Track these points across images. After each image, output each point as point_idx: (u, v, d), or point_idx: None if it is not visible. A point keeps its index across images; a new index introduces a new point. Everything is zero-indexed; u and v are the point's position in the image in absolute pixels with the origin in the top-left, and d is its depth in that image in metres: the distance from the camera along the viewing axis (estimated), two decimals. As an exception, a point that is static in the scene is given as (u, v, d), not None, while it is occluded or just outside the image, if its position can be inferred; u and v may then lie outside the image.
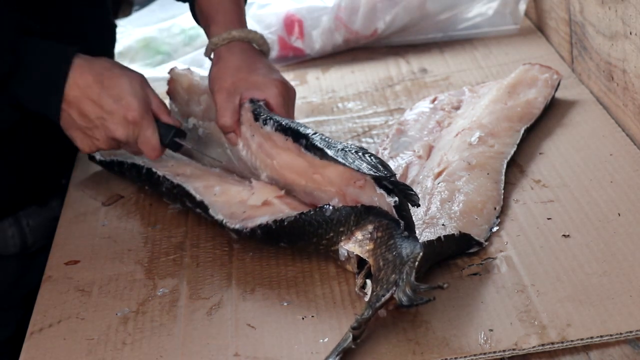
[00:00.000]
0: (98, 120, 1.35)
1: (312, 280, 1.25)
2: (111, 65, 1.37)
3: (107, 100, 1.34)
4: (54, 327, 1.23)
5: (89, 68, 1.34)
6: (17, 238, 1.53)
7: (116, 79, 1.35)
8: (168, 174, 1.43)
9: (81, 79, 1.33)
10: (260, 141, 1.38)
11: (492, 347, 1.08)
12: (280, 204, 1.33)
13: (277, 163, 1.35)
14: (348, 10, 1.92)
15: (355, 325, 1.07)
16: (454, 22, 1.95)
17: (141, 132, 1.36)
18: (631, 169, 1.38)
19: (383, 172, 1.21)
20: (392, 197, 1.20)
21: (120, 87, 1.34)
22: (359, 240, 1.19)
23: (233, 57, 1.45)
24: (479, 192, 1.33)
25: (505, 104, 1.52)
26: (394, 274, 1.11)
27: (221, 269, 1.30)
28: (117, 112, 1.34)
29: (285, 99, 1.41)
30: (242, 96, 1.40)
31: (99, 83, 1.34)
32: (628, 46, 1.42)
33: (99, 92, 1.34)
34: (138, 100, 1.35)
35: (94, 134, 1.36)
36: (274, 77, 1.43)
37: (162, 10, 2.19)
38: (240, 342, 1.15)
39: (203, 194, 1.38)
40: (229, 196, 1.37)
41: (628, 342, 1.07)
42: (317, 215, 1.22)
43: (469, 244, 1.24)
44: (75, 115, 1.35)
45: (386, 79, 1.82)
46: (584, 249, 1.22)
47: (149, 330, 1.20)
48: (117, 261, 1.35)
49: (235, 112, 1.40)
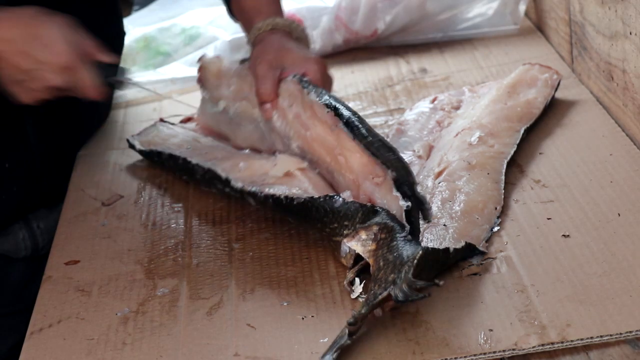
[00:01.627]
0: (33, 72, 1.33)
1: (312, 280, 1.25)
2: (37, 14, 1.35)
3: (38, 50, 1.31)
4: (54, 327, 1.23)
5: (17, 20, 1.32)
6: (28, 241, 1.53)
7: (44, 26, 1.33)
8: (201, 161, 1.46)
9: (7, 33, 1.31)
10: (299, 111, 1.40)
11: (492, 347, 1.08)
12: (301, 175, 1.35)
13: (310, 134, 1.37)
14: (348, 10, 1.92)
15: (352, 321, 1.07)
16: (454, 22, 1.95)
17: (78, 76, 1.34)
18: (631, 169, 1.38)
19: (406, 176, 1.23)
20: (405, 202, 1.21)
21: (49, 34, 1.32)
22: (362, 240, 1.19)
23: (275, 39, 1.47)
24: (480, 192, 1.33)
25: (505, 104, 1.52)
26: (392, 273, 1.12)
27: (221, 269, 1.31)
28: (49, 60, 1.32)
29: (324, 77, 1.43)
30: (283, 71, 1.42)
31: (27, 34, 1.32)
32: (628, 46, 1.42)
33: (28, 43, 1.31)
34: (69, 44, 1.32)
35: (32, 85, 1.34)
36: (311, 55, 1.46)
37: (163, 10, 2.19)
38: (240, 342, 1.15)
39: (229, 172, 1.41)
40: (252, 170, 1.40)
41: (628, 342, 1.07)
42: (325, 204, 1.25)
43: (472, 253, 1.24)
44: (9, 70, 1.33)
45: (386, 79, 1.82)
46: (584, 249, 1.23)
47: (149, 330, 1.20)
48: (117, 261, 1.35)
49: (275, 82, 1.42)
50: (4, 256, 1.54)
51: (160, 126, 1.64)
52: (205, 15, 2.09)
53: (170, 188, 1.52)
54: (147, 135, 1.62)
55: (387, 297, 1.10)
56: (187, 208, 1.46)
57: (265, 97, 1.42)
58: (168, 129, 1.62)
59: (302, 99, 1.39)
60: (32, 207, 1.54)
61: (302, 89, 1.39)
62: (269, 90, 1.42)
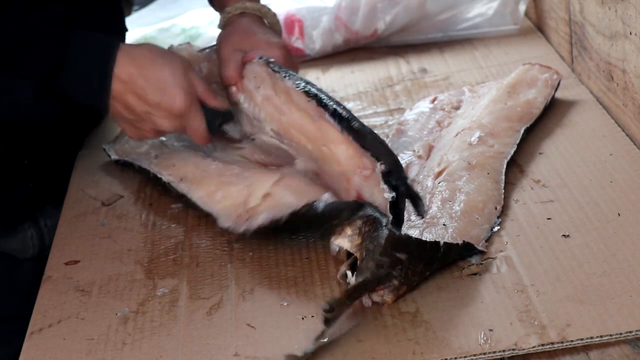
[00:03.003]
0: (144, 114, 1.34)
1: (312, 280, 1.25)
2: (153, 55, 1.35)
3: (152, 93, 1.32)
4: (53, 327, 1.23)
5: (131, 60, 1.33)
6: (36, 239, 1.54)
7: (159, 70, 1.33)
8: (173, 181, 1.44)
9: (124, 73, 1.32)
10: (269, 94, 1.39)
11: (492, 347, 1.08)
12: (279, 190, 1.32)
13: (286, 120, 1.37)
14: (348, 11, 1.92)
15: (327, 308, 1.07)
16: (454, 22, 1.95)
17: (188, 123, 1.35)
18: (631, 169, 1.38)
19: (395, 169, 1.23)
20: (389, 193, 1.21)
21: (164, 79, 1.33)
22: (348, 235, 1.19)
23: (242, 22, 1.48)
24: (480, 192, 1.33)
25: (505, 104, 1.52)
26: (371, 261, 1.12)
27: (221, 269, 1.31)
28: (162, 105, 1.33)
29: (288, 62, 1.43)
30: (247, 54, 1.42)
31: (142, 76, 1.32)
32: (628, 46, 1.42)
33: (142, 85, 1.32)
34: (183, 90, 1.33)
35: (142, 126, 1.36)
36: (278, 41, 1.46)
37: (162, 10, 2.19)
38: (240, 342, 1.15)
39: (208, 204, 1.38)
40: (231, 199, 1.37)
41: (628, 342, 1.07)
42: (309, 212, 1.25)
43: (471, 252, 1.24)
44: (121, 109, 1.34)
45: (386, 79, 1.82)
46: (584, 249, 1.22)
47: (149, 330, 1.20)
48: (117, 261, 1.35)
49: (239, 65, 1.42)
50: (12, 257, 1.54)
51: None
52: (205, 15, 2.09)
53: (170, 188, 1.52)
54: (120, 142, 1.60)
55: (362, 283, 1.11)
56: (187, 208, 1.46)
57: (229, 79, 1.43)
58: None
59: (271, 82, 1.39)
60: (42, 204, 1.54)
61: (270, 71, 1.39)
62: (232, 73, 1.42)
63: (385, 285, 1.16)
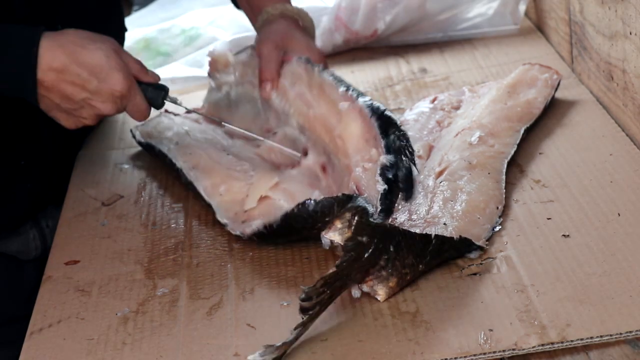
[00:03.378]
0: (83, 101, 1.32)
1: (312, 280, 1.25)
2: (82, 41, 1.32)
3: (89, 79, 1.30)
4: (54, 327, 1.23)
5: (60, 47, 1.30)
6: (38, 240, 1.54)
7: (91, 54, 1.31)
8: (185, 168, 1.47)
9: (55, 61, 1.29)
10: (302, 90, 1.44)
11: (492, 347, 1.08)
12: (275, 194, 1.35)
13: (312, 113, 1.41)
14: (348, 11, 1.92)
15: (303, 297, 1.08)
16: (454, 22, 1.95)
17: (129, 103, 1.35)
18: (631, 169, 1.38)
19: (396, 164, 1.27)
20: (382, 185, 1.24)
21: (99, 63, 1.31)
22: (339, 229, 1.19)
23: (282, 24, 1.50)
24: (481, 192, 1.33)
25: (505, 104, 1.52)
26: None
27: (221, 269, 1.31)
28: (103, 90, 1.31)
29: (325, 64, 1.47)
30: (287, 54, 1.46)
31: (75, 62, 1.30)
32: (628, 46, 1.42)
33: (77, 72, 1.30)
34: (120, 72, 1.32)
35: (81, 113, 1.34)
36: (316, 47, 1.50)
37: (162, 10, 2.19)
38: (240, 342, 1.15)
39: (210, 195, 1.40)
40: (232, 194, 1.40)
41: (628, 342, 1.07)
42: (301, 211, 1.25)
43: (469, 248, 1.24)
44: (57, 99, 1.32)
45: (386, 79, 1.82)
46: (584, 249, 1.22)
47: (149, 330, 1.20)
48: (117, 261, 1.35)
49: (278, 62, 1.45)
50: (15, 259, 1.54)
51: (163, 117, 1.64)
52: (205, 16, 2.09)
53: (170, 188, 1.52)
54: (148, 126, 1.63)
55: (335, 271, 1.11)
56: (187, 208, 1.46)
57: (268, 75, 1.45)
58: (168, 120, 1.63)
59: (307, 78, 1.43)
60: (43, 205, 1.54)
61: (309, 67, 1.44)
62: (272, 69, 1.45)
63: (374, 275, 1.16)
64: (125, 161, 1.62)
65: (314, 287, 1.09)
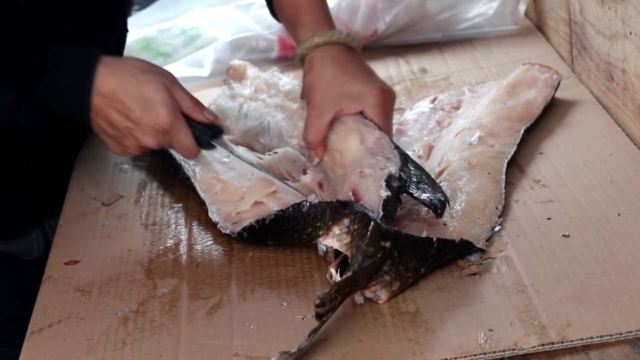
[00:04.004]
0: (126, 130, 1.31)
1: (312, 280, 1.25)
2: (135, 70, 1.32)
3: (133, 110, 1.30)
4: (54, 327, 1.23)
5: (113, 74, 1.30)
6: (41, 240, 1.53)
7: (140, 85, 1.30)
8: (184, 162, 1.46)
9: (105, 87, 1.30)
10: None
11: (492, 347, 1.08)
12: (269, 201, 1.34)
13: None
14: (348, 10, 1.92)
15: (318, 302, 1.07)
16: (454, 22, 1.95)
17: (173, 139, 1.32)
18: (631, 169, 1.38)
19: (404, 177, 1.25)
20: (385, 192, 1.23)
21: (146, 95, 1.30)
22: (336, 235, 1.19)
23: (326, 66, 1.39)
24: (481, 192, 1.33)
25: (505, 104, 1.52)
26: (360, 254, 1.13)
27: (221, 269, 1.31)
28: (144, 122, 1.30)
29: (383, 108, 1.37)
30: (337, 112, 1.36)
31: (123, 91, 1.30)
32: (628, 46, 1.42)
33: (123, 101, 1.30)
34: (165, 107, 1.30)
35: (124, 142, 1.34)
36: (371, 85, 1.38)
37: (162, 10, 2.19)
38: (240, 342, 1.15)
39: (205, 193, 1.40)
40: (228, 194, 1.39)
41: (628, 342, 1.07)
42: (294, 212, 1.25)
43: (470, 250, 1.24)
44: (103, 124, 1.32)
45: (386, 79, 1.82)
46: (584, 249, 1.22)
47: (149, 330, 1.20)
48: (117, 261, 1.35)
49: (322, 129, 1.36)
50: (17, 259, 1.54)
51: None
52: (205, 16, 2.09)
53: (170, 188, 1.52)
54: None
55: (350, 275, 1.11)
56: (187, 208, 1.46)
57: (310, 145, 1.37)
58: None
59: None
60: (48, 207, 1.54)
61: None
62: (314, 139, 1.36)
63: (377, 280, 1.16)
64: (125, 161, 1.62)
65: (328, 293, 1.09)
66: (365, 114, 1.36)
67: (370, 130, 1.34)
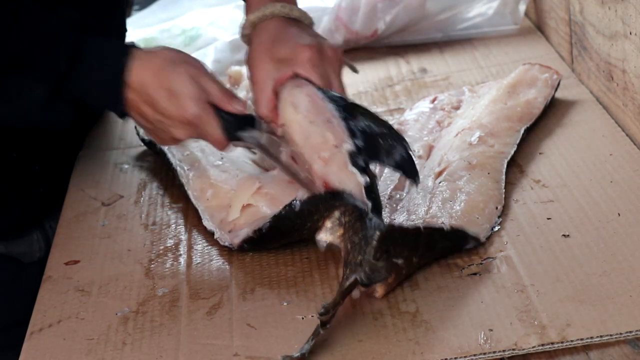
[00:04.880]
0: (158, 123, 1.31)
1: (312, 280, 1.25)
2: (163, 62, 1.31)
3: (161, 103, 1.29)
4: (54, 327, 1.23)
5: (143, 69, 1.30)
6: (42, 241, 1.53)
7: (167, 78, 1.29)
8: (179, 168, 1.45)
9: (135, 82, 1.29)
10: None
11: (492, 347, 1.08)
12: (257, 201, 1.32)
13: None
14: (348, 11, 1.92)
15: (322, 311, 1.08)
16: (454, 22, 1.95)
17: (203, 131, 1.31)
18: (631, 169, 1.38)
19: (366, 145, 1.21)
20: (363, 178, 1.20)
21: (172, 87, 1.29)
22: (329, 228, 1.18)
23: (260, 39, 1.38)
24: (480, 192, 1.33)
25: (505, 104, 1.52)
26: (359, 255, 1.12)
27: (221, 269, 1.31)
28: (172, 115, 1.29)
29: (313, 62, 1.33)
30: (275, 81, 1.33)
31: (151, 85, 1.29)
32: (628, 46, 1.42)
33: (152, 94, 1.29)
34: (191, 99, 1.28)
35: (159, 134, 1.34)
36: (299, 44, 1.34)
37: (163, 11, 2.19)
38: (240, 342, 1.15)
39: (198, 200, 1.39)
40: (218, 199, 1.38)
41: (628, 342, 1.07)
42: (288, 214, 1.23)
43: (465, 239, 1.24)
44: (137, 118, 1.33)
45: (386, 79, 1.82)
46: (584, 249, 1.22)
47: (149, 330, 1.20)
48: (117, 261, 1.35)
49: (268, 100, 1.33)
50: (17, 261, 1.53)
51: None
52: (205, 16, 2.09)
53: (170, 188, 1.52)
54: None
55: (355, 282, 1.11)
56: (187, 208, 1.46)
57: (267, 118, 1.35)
58: None
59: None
60: (52, 209, 1.54)
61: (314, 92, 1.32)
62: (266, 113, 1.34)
63: None
64: (125, 161, 1.62)
65: (332, 302, 1.09)
66: (298, 74, 1.33)
67: (301, 91, 1.29)
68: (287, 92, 1.31)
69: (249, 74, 1.37)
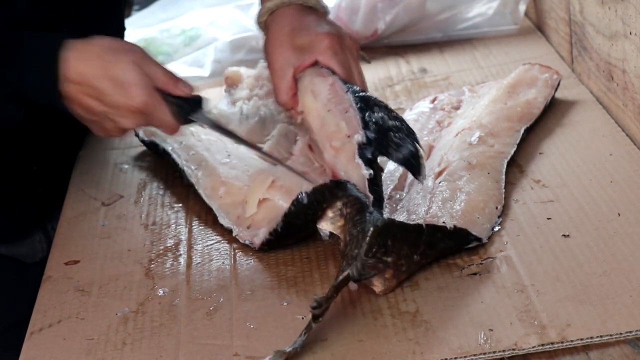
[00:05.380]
0: (104, 114, 1.28)
1: (312, 280, 1.25)
2: (101, 51, 1.27)
3: (106, 93, 1.25)
4: (54, 327, 1.23)
5: (81, 59, 1.26)
6: (44, 242, 1.53)
7: (110, 67, 1.25)
8: (187, 167, 1.45)
9: (73, 73, 1.25)
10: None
11: (492, 347, 1.08)
12: (273, 194, 1.32)
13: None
14: (348, 10, 1.92)
15: (315, 305, 1.08)
16: (454, 22, 1.95)
17: (152, 117, 1.28)
18: (631, 169, 1.38)
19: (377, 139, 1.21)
20: (367, 170, 1.20)
21: (116, 76, 1.25)
22: (330, 218, 1.18)
23: (279, 26, 1.38)
24: (481, 192, 1.33)
25: (505, 104, 1.52)
26: (356, 249, 1.12)
27: (221, 269, 1.31)
28: (119, 105, 1.26)
29: (334, 50, 1.34)
30: (295, 68, 1.34)
31: (93, 75, 1.25)
32: (628, 46, 1.42)
33: (95, 85, 1.25)
34: (138, 86, 1.25)
35: (105, 125, 1.30)
36: (318, 32, 1.36)
37: (163, 11, 2.19)
38: (240, 342, 1.15)
39: (211, 198, 1.39)
40: (232, 196, 1.38)
41: (628, 342, 1.07)
42: (297, 208, 1.23)
43: (468, 239, 1.24)
44: (80, 111, 1.29)
45: (386, 79, 1.82)
46: (584, 249, 1.22)
47: (149, 330, 1.20)
48: (117, 261, 1.35)
49: (288, 87, 1.34)
50: (19, 262, 1.53)
51: None
52: (205, 16, 2.09)
53: (170, 188, 1.52)
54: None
55: (348, 277, 1.11)
56: (187, 208, 1.46)
57: (285, 106, 1.37)
58: None
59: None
60: (52, 209, 1.53)
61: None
62: (286, 100, 1.35)
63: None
64: (125, 161, 1.62)
65: (325, 296, 1.09)
66: (319, 62, 1.34)
67: (323, 81, 1.31)
68: (309, 80, 1.32)
69: (268, 61, 1.37)
